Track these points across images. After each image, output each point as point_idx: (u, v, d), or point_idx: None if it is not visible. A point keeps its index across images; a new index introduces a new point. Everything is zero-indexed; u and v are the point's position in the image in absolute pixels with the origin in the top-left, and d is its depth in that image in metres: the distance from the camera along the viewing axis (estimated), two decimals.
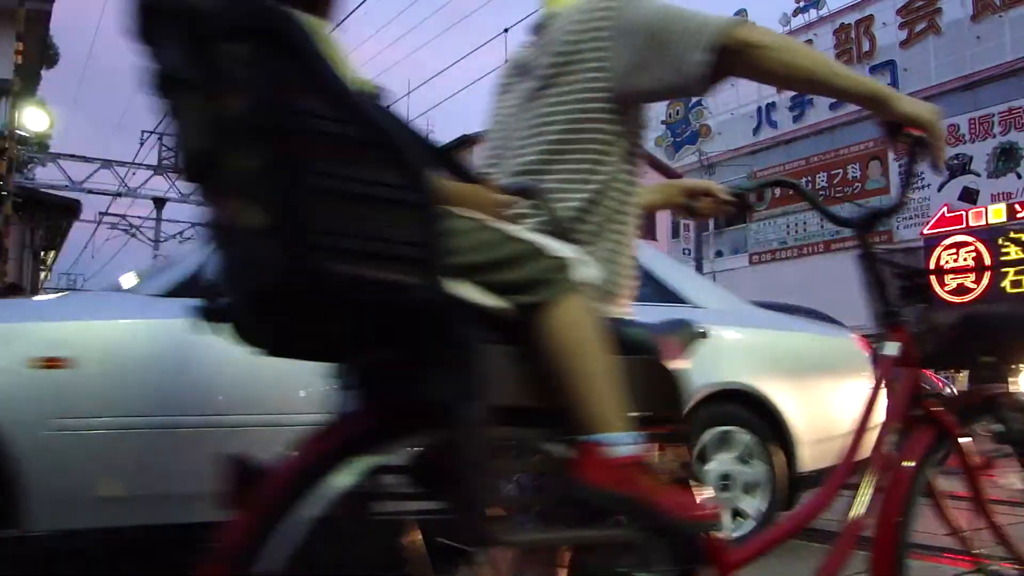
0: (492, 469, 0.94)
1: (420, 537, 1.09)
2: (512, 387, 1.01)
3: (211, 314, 1.02)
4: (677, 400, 1.16)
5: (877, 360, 1.42)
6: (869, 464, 1.34)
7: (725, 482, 3.01)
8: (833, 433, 3.23)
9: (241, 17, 0.85)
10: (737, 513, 3.05)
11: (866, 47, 19.82)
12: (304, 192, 0.84)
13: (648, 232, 17.55)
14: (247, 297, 0.93)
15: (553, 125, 1.22)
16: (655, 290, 3.28)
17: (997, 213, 16.39)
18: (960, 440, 1.41)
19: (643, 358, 1.14)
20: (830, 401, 3.32)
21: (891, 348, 1.41)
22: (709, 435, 3.01)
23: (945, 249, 16.22)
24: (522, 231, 1.06)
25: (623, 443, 1.02)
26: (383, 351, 1.01)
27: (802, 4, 21.40)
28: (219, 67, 0.87)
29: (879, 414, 1.39)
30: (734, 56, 1.14)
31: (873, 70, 18.98)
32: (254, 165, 0.85)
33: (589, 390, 1.03)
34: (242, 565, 0.87)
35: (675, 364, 1.16)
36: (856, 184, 19.41)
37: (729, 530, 2.94)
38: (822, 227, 20.09)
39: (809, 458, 3.16)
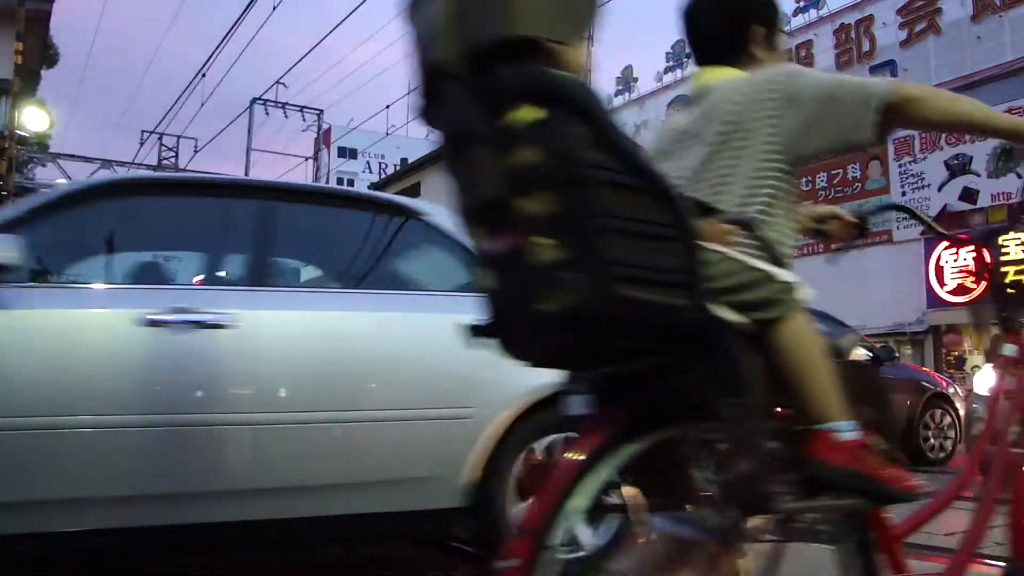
0: (766, 451, 1.15)
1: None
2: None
3: (479, 331, 1.25)
4: (879, 393, 1.42)
5: (996, 362, 1.61)
6: (987, 471, 1.50)
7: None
8: None
9: (535, 85, 1.03)
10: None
11: (866, 47, 19.84)
12: (600, 231, 1.03)
13: None
14: (530, 318, 1.10)
15: (729, 184, 1.38)
16: None
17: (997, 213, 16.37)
18: None
19: (849, 361, 1.36)
20: None
21: (1009, 350, 1.59)
22: (548, 440, 2.65)
23: (945, 249, 16.22)
24: (753, 259, 1.28)
25: (848, 430, 1.26)
26: (648, 360, 1.19)
27: (802, 4, 21.42)
28: (514, 126, 1.04)
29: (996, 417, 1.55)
30: (897, 111, 1.32)
31: (873, 70, 19.00)
32: (551, 209, 1.03)
33: (819, 388, 1.26)
34: (541, 540, 1.09)
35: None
36: (856, 184, 19.42)
37: (591, 536, 2.75)
38: None
39: None
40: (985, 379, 5.69)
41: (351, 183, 37.98)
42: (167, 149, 26.79)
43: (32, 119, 13.62)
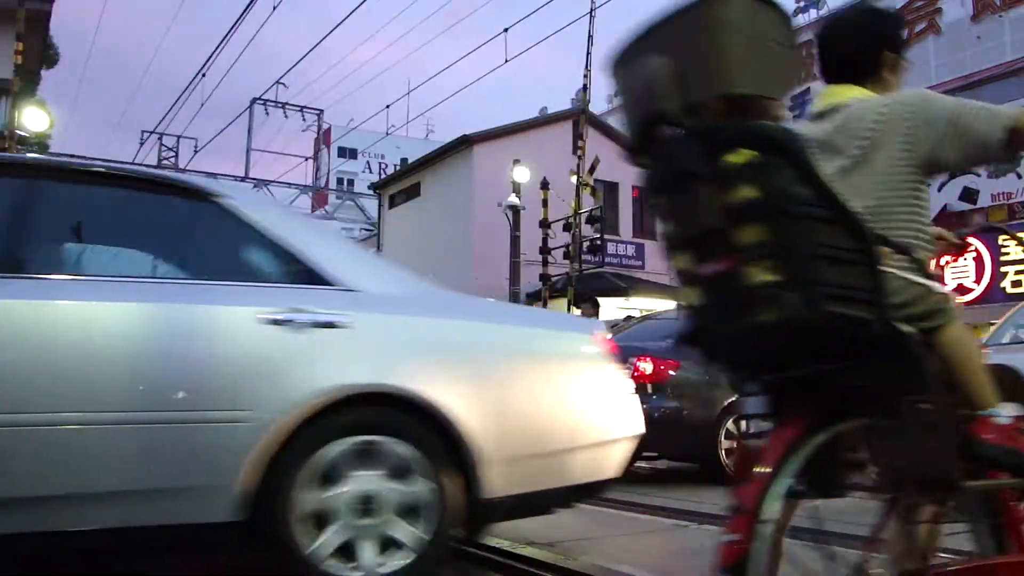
0: (950, 438, 1.36)
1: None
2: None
3: (683, 340, 1.44)
4: (1020, 387, 1.66)
5: None
6: None
7: (367, 506, 2.36)
8: (536, 451, 2.67)
9: (750, 133, 1.23)
10: (390, 543, 2.38)
11: None
12: (808, 257, 1.24)
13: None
14: (746, 329, 1.31)
15: (869, 193, 1.54)
16: (289, 268, 2.66)
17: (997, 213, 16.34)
18: None
19: (993, 364, 1.57)
20: (535, 412, 2.73)
21: None
22: (340, 447, 2.38)
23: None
24: (915, 276, 1.46)
25: (1004, 415, 1.51)
26: (831, 364, 1.35)
27: (802, 4, 21.42)
28: (732, 167, 1.24)
29: None
30: (1020, 134, 1.49)
31: None
32: (765, 238, 1.23)
33: (979, 381, 1.52)
34: (757, 516, 1.30)
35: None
36: None
37: (374, 564, 2.34)
38: None
39: (500, 480, 2.53)
40: None
41: (351, 183, 37.97)
42: (167, 149, 26.81)
43: (32, 119, 13.57)
